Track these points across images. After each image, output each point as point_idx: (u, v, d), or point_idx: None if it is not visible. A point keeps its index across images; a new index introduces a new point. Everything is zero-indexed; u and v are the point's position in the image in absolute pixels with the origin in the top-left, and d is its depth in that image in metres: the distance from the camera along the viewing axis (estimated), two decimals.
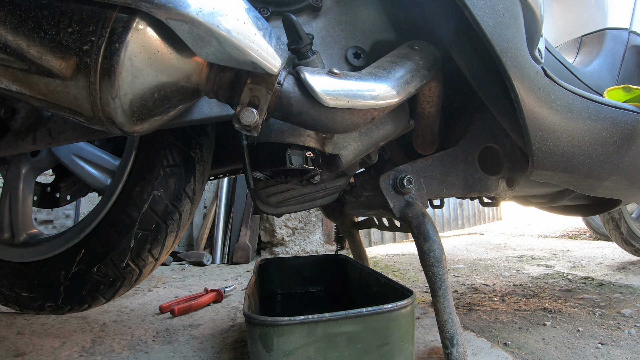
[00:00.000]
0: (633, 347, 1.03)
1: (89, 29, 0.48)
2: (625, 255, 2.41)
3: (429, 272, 0.78)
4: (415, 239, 0.80)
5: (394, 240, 4.02)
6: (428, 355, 1.00)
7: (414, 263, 2.61)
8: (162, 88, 0.53)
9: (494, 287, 1.79)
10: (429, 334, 1.16)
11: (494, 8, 0.69)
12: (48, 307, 0.99)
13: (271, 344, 0.66)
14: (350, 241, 1.69)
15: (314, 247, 3.12)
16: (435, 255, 0.78)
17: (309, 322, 0.67)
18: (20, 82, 0.50)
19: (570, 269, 2.16)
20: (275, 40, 0.57)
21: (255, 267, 1.23)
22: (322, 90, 0.61)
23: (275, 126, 0.77)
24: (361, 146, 0.84)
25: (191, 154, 0.96)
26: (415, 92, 0.76)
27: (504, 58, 0.71)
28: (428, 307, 1.47)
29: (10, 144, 0.82)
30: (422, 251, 0.79)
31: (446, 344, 0.76)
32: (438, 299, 0.78)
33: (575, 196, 1.19)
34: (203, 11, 0.48)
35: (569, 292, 1.63)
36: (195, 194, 1.00)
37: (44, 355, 1.08)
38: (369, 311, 0.70)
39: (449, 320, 0.77)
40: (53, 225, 2.80)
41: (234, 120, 0.58)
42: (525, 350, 1.03)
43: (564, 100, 0.82)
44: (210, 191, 3.26)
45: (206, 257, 2.83)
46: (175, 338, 1.20)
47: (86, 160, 1.06)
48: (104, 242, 0.94)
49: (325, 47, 0.79)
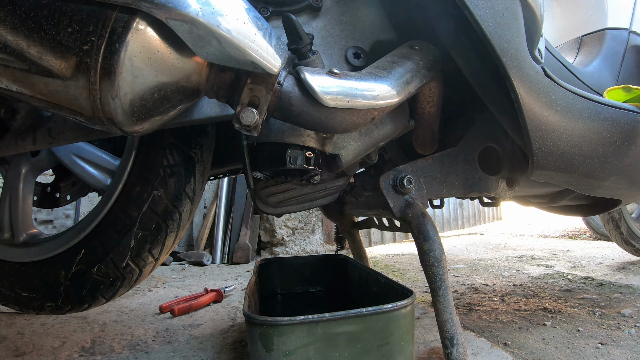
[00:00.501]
0: (633, 347, 1.03)
1: (89, 29, 0.48)
2: (625, 255, 2.41)
3: (429, 272, 0.78)
4: (415, 239, 0.81)
5: (394, 240, 4.02)
6: (428, 355, 1.00)
7: (414, 263, 2.61)
8: (162, 88, 0.53)
9: (494, 287, 1.79)
10: (429, 334, 1.16)
11: (494, 8, 0.69)
12: (48, 307, 0.99)
13: (271, 344, 0.66)
14: (350, 241, 1.69)
15: (314, 247, 3.12)
16: (435, 255, 0.78)
17: (309, 322, 0.67)
18: (20, 82, 0.50)
19: (570, 269, 2.16)
20: (275, 40, 0.57)
21: (255, 267, 1.23)
22: (322, 90, 0.61)
23: (275, 126, 0.77)
24: (361, 146, 0.84)
25: (191, 154, 0.96)
26: (415, 92, 0.76)
27: (504, 58, 0.71)
28: (428, 307, 1.47)
29: (10, 144, 0.82)
30: (422, 251, 0.79)
31: (446, 344, 0.76)
32: (438, 299, 0.78)
33: (575, 196, 1.19)
34: (203, 11, 0.48)
35: (569, 292, 1.63)
36: (195, 194, 1.00)
37: (44, 355, 1.08)
38: (369, 311, 0.70)
39: (449, 320, 0.77)
40: (53, 225, 2.80)
41: (234, 120, 0.58)
42: (525, 350, 1.03)
43: (564, 100, 0.82)
44: (210, 191, 3.26)
45: (206, 257, 2.83)
46: (175, 338, 1.20)
47: (86, 160, 1.06)
48: (104, 242, 0.94)
49: (325, 47, 0.79)
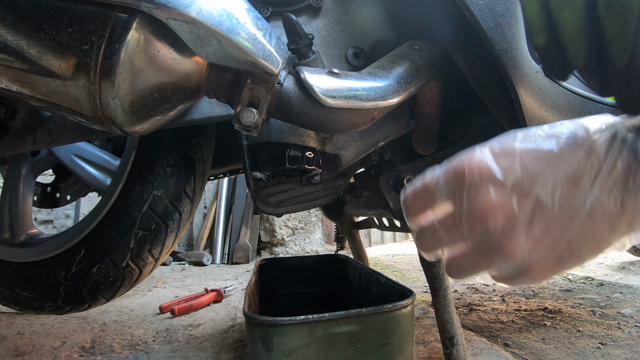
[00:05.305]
0: (633, 347, 1.03)
1: (89, 29, 0.48)
2: (625, 255, 2.41)
3: (429, 272, 0.78)
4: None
5: (394, 240, 4.02)
6: (428, 355, 1.00)
7: (414, 263, 2.61)
8: (162, 88, 0.53)
9: (494, 287, 1.79)
10: (429, 334, 1.16)
11: (494, 8, 0.69)
12: (48, 307, 0.99)
13: (271, 344, 0.66)
14: (350, 241, 1.69)
15: (314, 247, 3.12)
16: None
17: (309, 322, 0.67)
18: (20, 82, 0.50)
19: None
20: (275, 40, 0.57)
21: (255, 267, 1.23)
22: (322, 90, 0.61)
23: (275, 126, 0.77)
24: (361, 146, 0.84)
25: (191, 154, 0.96)
26: (416, 92, 0.76)
27: (504, 58, 0.71)
28: (428, 307, 1.47)
29: (10, 144, 0.82)
30: None
31: (446, 344, 0.76)
32: (438, 298, 0.78)
33: None
34: (203, 11, 0.48)
35: (569, 292, 1.63)
36: (195, 194, 1.00)
37: (44, 355, 1.08)
38: (369, 311, 0.70)
39: (449, 320, 0.77)
40: (53, 225, 2.80)
41: (234, 120, 0.58)
42: (525, 350, 1.03)
43: (565, 100, 0.82)
44: (210, 191, 3.26)
45: (206, 257, 2.82)
46: (175, 338, 1.20)
47: (86, 160, 1.06)
48: (104, 242, 0.94)
49: (325, 47, 0.79)
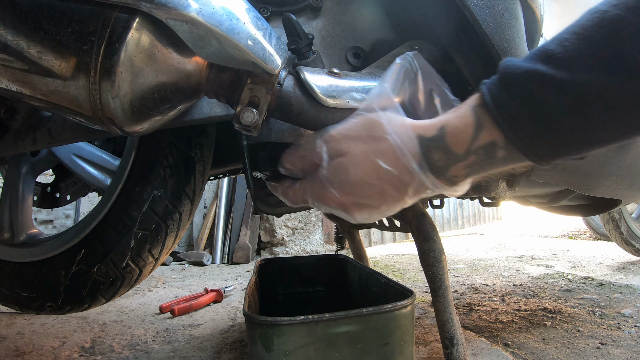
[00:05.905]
0: (633, 347, 1.03)
1: (89, 29, 0.48)
2: (625, 255, 2.41)
3: (429, 272, 0.78)
4: (415, 239, 0.80)
5: (394, 240, 4.02)
6: (428, 355, 1.00)
7: (414, 263, 2.61)
8: (162, 88, 0.53)
9: (494, 287, 1.79)
10: (429, 334, 1.16)
11: (494, 8, 0.69)
12: (48, 307, 0.99)
13: (271, 344, 0.66)
14: (350, 241, 1.69)
15: (314, 247, 3.12)
16: (435, 255, 0.78)
17: (309, 322, 0.67)
18: (20, 82, 0.50)
19: (570, 269, 2.16)
20: (275, 40, 0.57)
21: (255, 267, 1.23)
22: (322, 90, 0.61)
23: (275, 126, 0.77)
24: None
25: (191, 154, 0.96)
26: None
27: (504, 58, 0.71)
28: (428, 307, 1.47)
29: (10, 144, 0.82)
30: (422, 251, 0.79)
31: (446, 344, 0.76)
32: (438, 299, 0.78)
33: (575, 196, 1.19)
34: (203, 11, 0.48)
35: (569, 292, 1.63)
36: (195, 194, 1.00)
37: (44, 355, 1.08)
38: (368, 311, 0.70)
39: (449, 320, 0.77)
40: (53, 225, 2.80)
41: (234, 120, 0.58)
42: (525, 350, 1.03)
43: None
44: (210, 191, 3.26)
45: (206, 257, 2.82)
46: (175, 338, 1.20)
47: (86, 160, 1.06)
48: (104, 242, 0.94)
49: (325, 47, 0.79)
